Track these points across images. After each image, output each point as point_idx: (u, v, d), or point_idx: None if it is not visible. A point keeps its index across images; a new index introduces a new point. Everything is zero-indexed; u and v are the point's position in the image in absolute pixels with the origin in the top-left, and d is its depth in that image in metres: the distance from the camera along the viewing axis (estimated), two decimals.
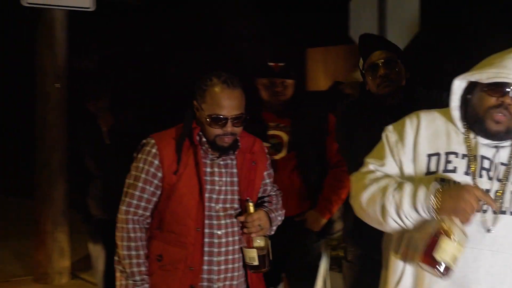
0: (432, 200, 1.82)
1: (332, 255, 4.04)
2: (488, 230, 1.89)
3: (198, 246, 2.37)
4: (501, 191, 1.91)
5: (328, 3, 9.66)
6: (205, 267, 2.39)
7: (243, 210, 2.44)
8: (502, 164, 1.95)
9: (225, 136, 2.37)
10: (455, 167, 1.94)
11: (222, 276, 2.42)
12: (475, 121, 1.95)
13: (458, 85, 2.00)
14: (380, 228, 2.01)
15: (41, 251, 5.09)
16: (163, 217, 2.41)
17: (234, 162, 2.48)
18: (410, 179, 1.96)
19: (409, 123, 2.04)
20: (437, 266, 1.76)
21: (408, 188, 1.88)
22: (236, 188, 2.46)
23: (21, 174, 7.10)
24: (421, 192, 1.85)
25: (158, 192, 2.41)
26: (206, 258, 2.39)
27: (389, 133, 2.08)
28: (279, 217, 2.58)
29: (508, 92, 1.89)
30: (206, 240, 2.39)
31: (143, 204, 2.40)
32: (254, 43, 11.22)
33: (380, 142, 2.10)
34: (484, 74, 1.92)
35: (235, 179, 2.47)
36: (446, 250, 1.75)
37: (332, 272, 3.92)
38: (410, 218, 1.89)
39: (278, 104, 3.37)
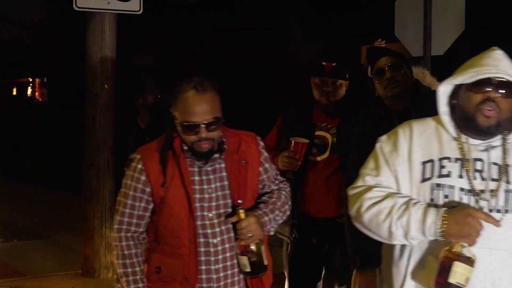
0: (439, 226, 1.92)
1: None
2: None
3: (193, 256, 2.35)
4: (496, 191, 1.98)
5: (376, 3, 9.59)
6: (204, 276, 2.37)
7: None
8: (495, 164, 2.01)
9: (201, 142, 2.31)
10: (449, 172, 2.00)
11: (222, 283, 2.40)
12: (465, 121, 2.01)
13: (444, 91, 2.06)
14: (380, 240, 2.10)
15: (89, 246, 5.25)
16: (157, 230, 2.41)
17: (223, 165, 2.41)
18: (409, 194, 2.03)
19: (402, 133, 2.10)
20: None
21: (414, 213, 1.96)
22: (227, 192, 2.40)
23: (70, 171, 7.30)
24: (429, 219, 1.93)
25: (150, 207, 2.40)
26: (203, 267, 2.37)
27: (383, 143, 2.13)
28: (278, 216, 2.51)
29: (492, 86, 1.96)
30: (202, 249, 2.36)
31: (134, 220, 2.39)
32: (309, 42, 11.21)
33: (373, 153, 2.14)
34: (466, 75, 1.99)
35: (226, 182, 2.40)
36: (458, 273, 1.87)
37: None
38: (417, 240, 2.00)
39: (328, 104, 3.40)
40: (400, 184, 2.06)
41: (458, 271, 1.87)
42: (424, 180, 2.02)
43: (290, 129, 3.44)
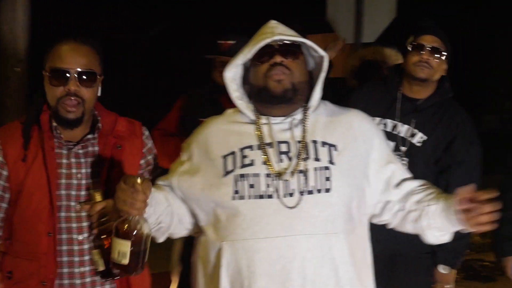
0: None
1: None
2: (291, 208, 1.80)
3: (51, 255, 2.00)
4: (305, 171, 1.84)
5: None
6: (66, 281, 2.02)
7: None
8: (299, 142, 1.88)
9: (68, 101, 1.98)
10: (252, 160, 1.87)
11: None
12: (259, 94, 1.91)
13: (232, 78, 1.98)
14: None
15: None
16: (12, 225, 2.05)
17: (96, 149, 2.09)
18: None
19: (196, 135, 2.01)
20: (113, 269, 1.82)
21: None
22: (98, 180, 2.06)
23: None
24: None
25: (7, 196, 2.05)
26: (65, 270, 2.02)
27: (185, 145, 2.04)
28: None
29: (274, 51, 1.88)
30: (64, 247, 2.01)
31: None
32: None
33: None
34: (246, 51, 1.92)
35: (96, 169, 2.07)
36: (115, 249, 1.77)
37: None
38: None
39: None
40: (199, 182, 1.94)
41: (115, 247, 1.76)
42: (226, 173, 1.87)
43: (196, 111, 3.16)
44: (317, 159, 1.86)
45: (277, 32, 1.90)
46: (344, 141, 1.91)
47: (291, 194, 1.82)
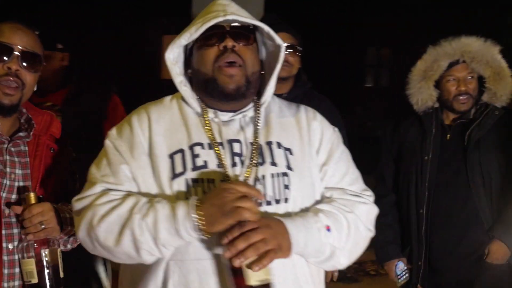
0: (195, 219, 1.45)
1: None
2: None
3: None
4: (263, 178, 1.58)
5: None
6: None
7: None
8: (252, 144, 1.62)
9: (8, 79, 1.80)
10: (205, 161, 1.58)
11: None
12: (206, 86, 1.63)
13: (173, 59, 1.67)
14: (128, 261, 1.57)
15: None
16: None
17: (26, 149, 1.91)
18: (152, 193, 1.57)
19: (137, 122, 1.64)
20: None
21: (161, 208, 1.49)
22: (30, 184, 1.88)
23: None
24: (180, 211, 1.47)
25: None
26: None
27: (115, 140, 1.64)
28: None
29: (225, 33, 1.60)
30: None
31: None
32: None
33: (103, 152, 1.65)
34: (192, 29, 1.62)
35: (28, 171, 1.89)
36: (255, 273, 1.43)
37: None
38: (170, 248, 1.51)
39: (46, 78, 2.80)
40: (143, 188, 1.58)
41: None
42: (175, 176, 1.57)
43: None
44: (273, 164, 1.61)
45: (230, 11, 1.62)
46: (296, 143, 1.68)
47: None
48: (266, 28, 1.67)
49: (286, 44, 2.74)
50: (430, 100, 2.86)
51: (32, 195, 1.80)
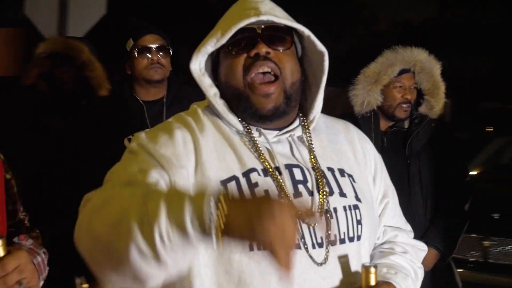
0: (215, 211, 1.05)
1: None
2: (320, 264, 1.32)
3: None
4: (332, 210, 1.35)
5: None
6: None
7: None
8: (314, 169, 1.39)
9: None
10: (265, 192, 1.30)
11: None
12: (239, 103, 1.37)
13: (199, 70, 1.40)
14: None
15: None
16: None
17: None
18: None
19: (179, 132, 1.35)
20: None
21: (171, 193, 1.17)
22: None
23: None
24: (195, 199, 1.09)
25: None
26: None
27: (147, 144, 1.34)
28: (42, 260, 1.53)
29: (258, 36, 1.35)
30: None
31: None
32: None
33: (128, 156, 1.35)
34: (218, 34, 1.36)
35: None
36: None
37: None
38: (176, 246, 1.08)
39: None
40: None
41: None
42: None
43: None
44: (342, 194, 1.38)
45: (264, 10, 1.34)
46: (355, 169, 1.46)
47: (320, 245, 1.31)
48: (306, 32, 1.40)
49: (156, 46, 2.70)
50: (375, 104, 2.85)
51: (0, 242, 1.29)
